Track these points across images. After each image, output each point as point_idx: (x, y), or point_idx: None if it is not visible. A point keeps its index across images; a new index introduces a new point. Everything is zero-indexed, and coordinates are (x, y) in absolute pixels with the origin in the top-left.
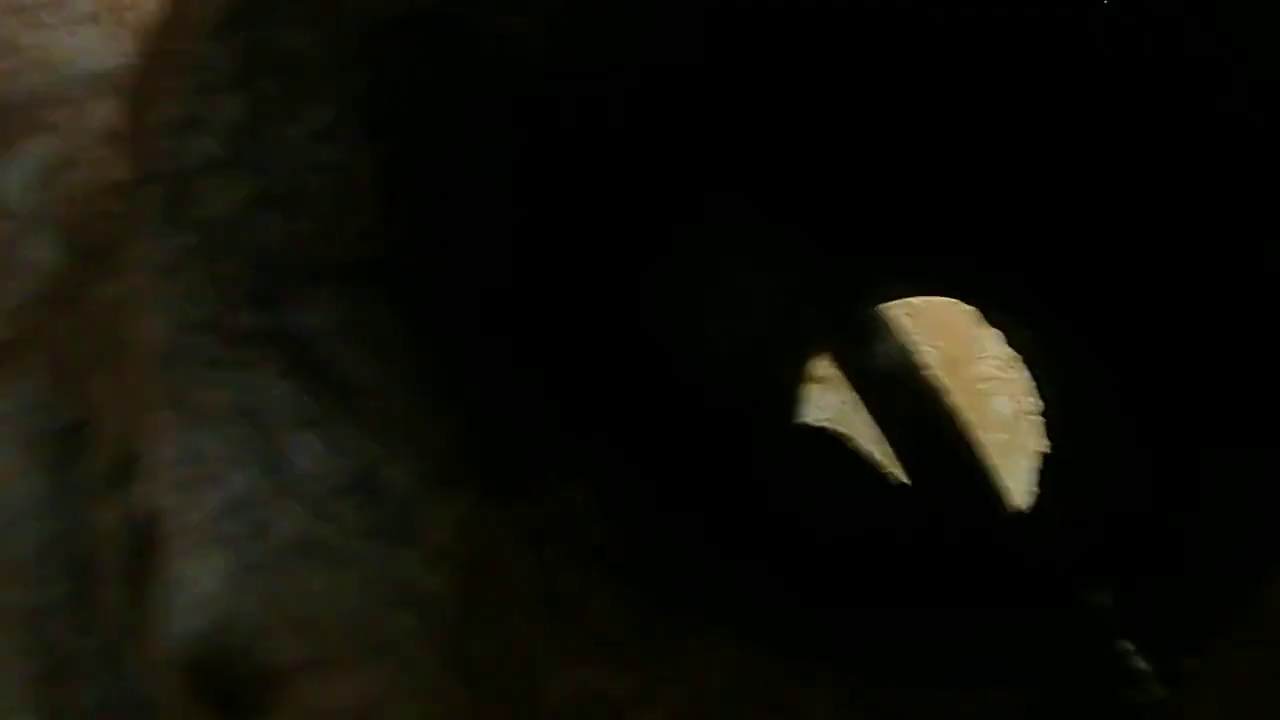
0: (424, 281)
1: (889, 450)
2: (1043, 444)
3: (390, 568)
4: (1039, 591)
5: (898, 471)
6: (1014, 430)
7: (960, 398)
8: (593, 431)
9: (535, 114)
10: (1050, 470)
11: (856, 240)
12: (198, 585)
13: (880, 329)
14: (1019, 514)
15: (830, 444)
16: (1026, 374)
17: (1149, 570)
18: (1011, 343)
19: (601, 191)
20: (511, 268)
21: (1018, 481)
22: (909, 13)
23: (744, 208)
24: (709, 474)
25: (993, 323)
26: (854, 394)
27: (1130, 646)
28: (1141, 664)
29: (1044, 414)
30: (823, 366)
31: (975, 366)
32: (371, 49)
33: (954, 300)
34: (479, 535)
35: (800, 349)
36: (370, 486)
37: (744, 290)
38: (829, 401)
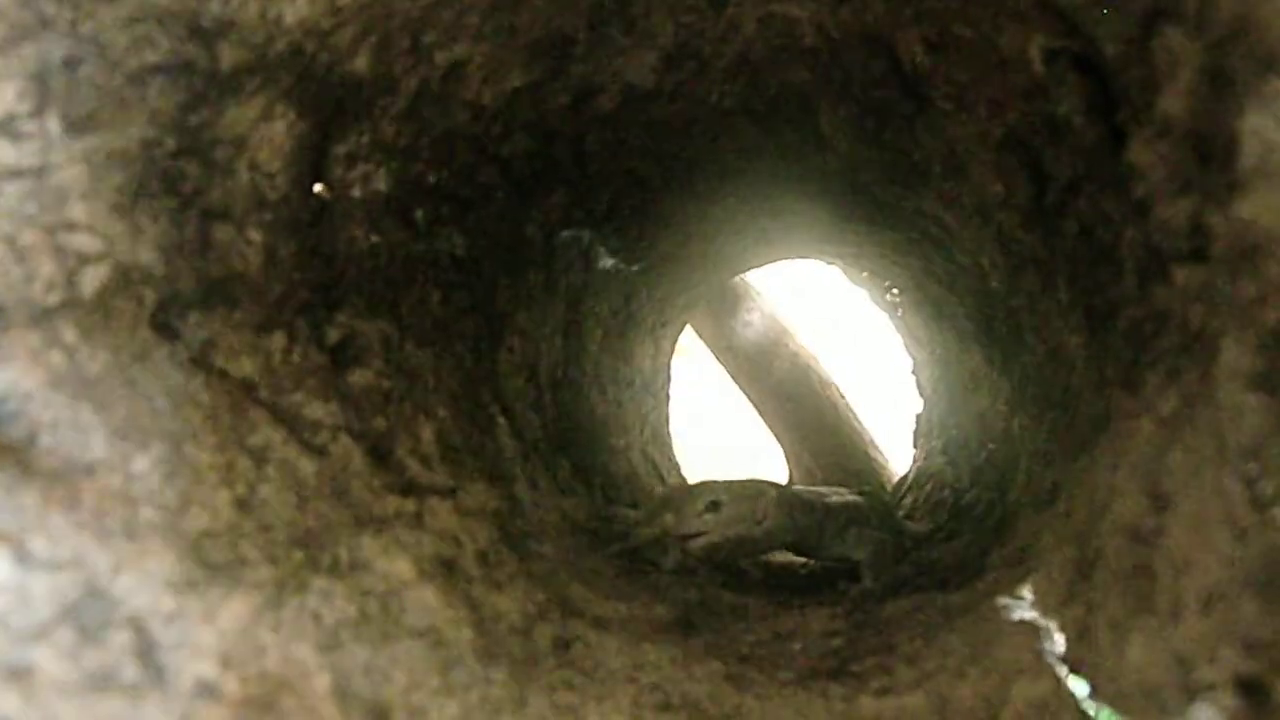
0: (185, 311)
1: (761, 422)
2: (915, 402)
3: None
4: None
5: (773, 441)
6: (886, 389)
7: (830, 361)
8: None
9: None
10: (923, 428)
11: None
12: None
13: (746, 298)
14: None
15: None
16: (894, 333)
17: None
18: (876, 301)
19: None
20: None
21: (894, 439)
22: None
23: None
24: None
25: (856, 282)
26: (720, 366)
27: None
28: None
29: (913, 372)
30: (687, 339)
31: (844, 328)
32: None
33: (819, 262)
34: (263, 652)
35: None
36: (91, 612)
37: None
38: (692, 374)
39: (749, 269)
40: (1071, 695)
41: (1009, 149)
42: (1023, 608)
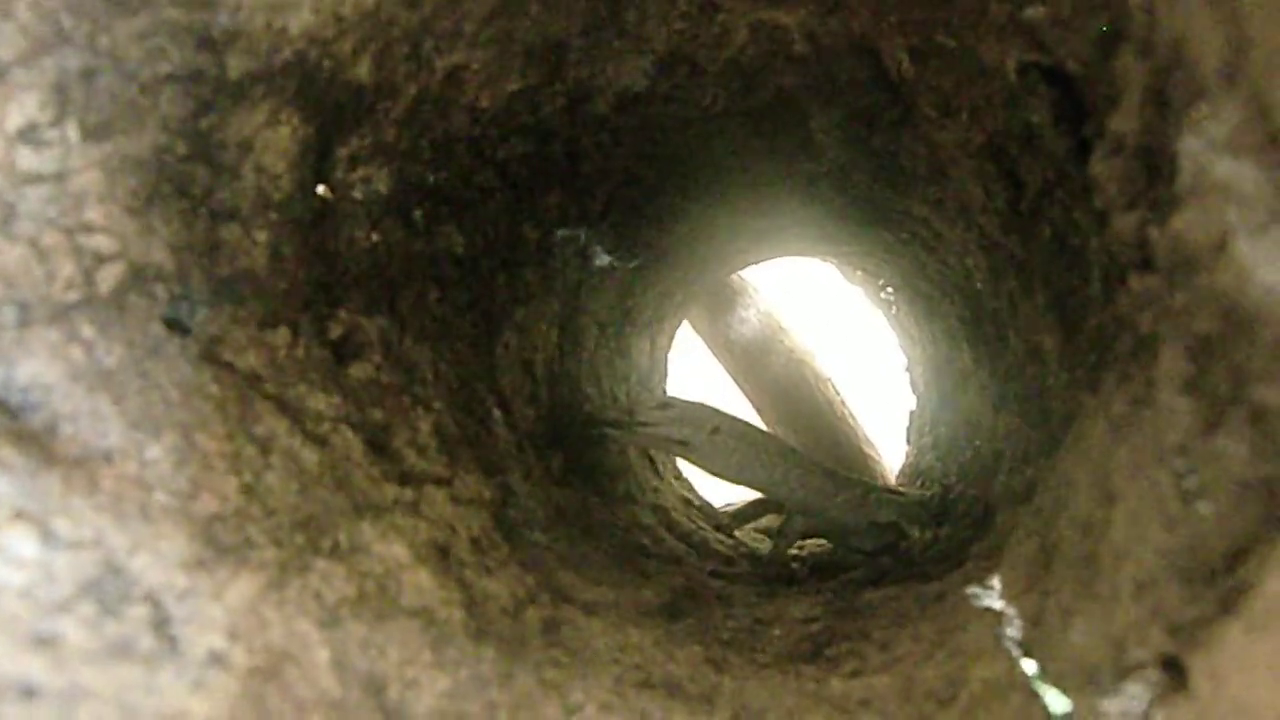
0: (195, 308)
1: (755, 417)
2: (909, 399)
3: (138, 699)
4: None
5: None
6: (881, 387)
7: (825, 358)
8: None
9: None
10: (915, 425)
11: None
12: None
13: (742, 295)
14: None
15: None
16: (889, 331)
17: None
18: (871, 299)
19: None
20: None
21: (887, 436)
22: None
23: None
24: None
25: (851, 281)
26: (717, 361)
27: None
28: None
29: (907, 370)
30: (685, 336)
31: (839, 326)
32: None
33: (814, 260)
34: (268, 627)
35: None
36: (110, 587)
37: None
38: (689, 369)
39: (745, 267)
40: (1023, 675)
41: (988, 155)
42: (990, 596)
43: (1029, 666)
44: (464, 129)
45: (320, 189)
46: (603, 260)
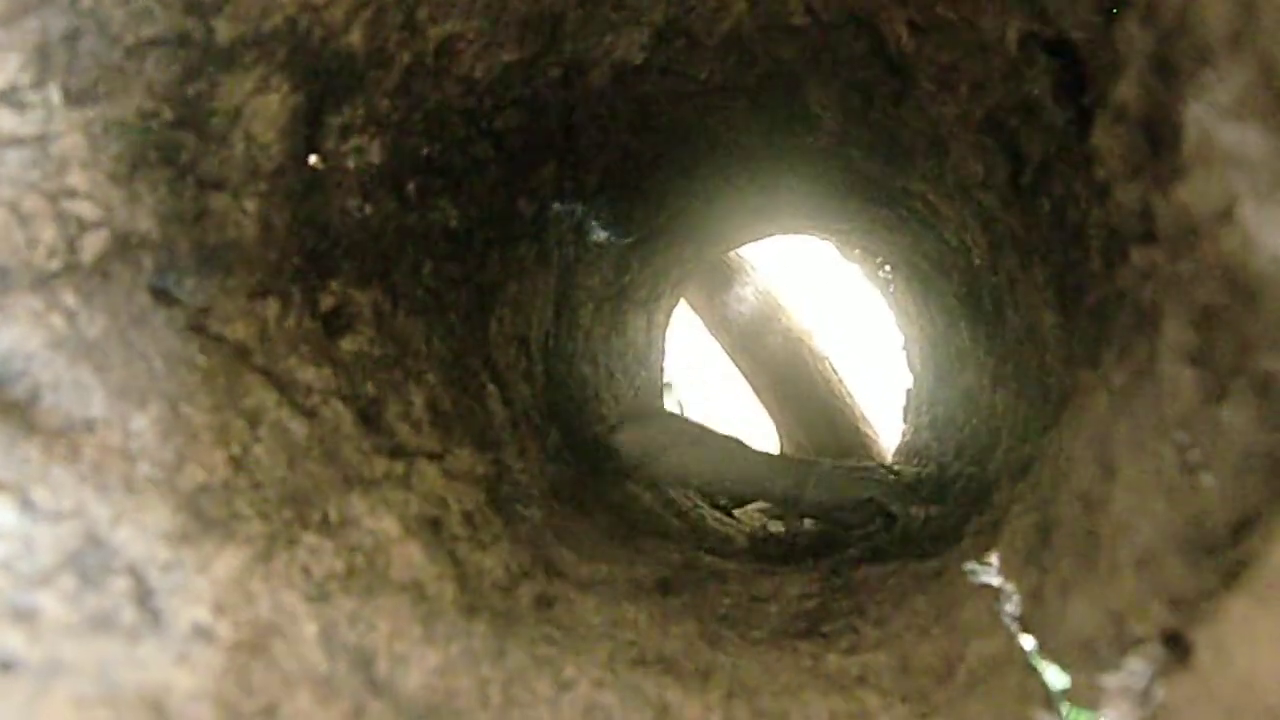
0: (182, 277)
1: (752, 395)
2: (906, 377)
3: (119, 673)
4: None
5: (764, 413)
6: (879, 365)
7: (823, 336)
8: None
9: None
10: (912, 403)
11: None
12: None
13: (740, 273)
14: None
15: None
16: (887, 309)
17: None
18: (869, 278)
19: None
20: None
21: (884, 414)
22: None
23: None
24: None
25: (849, 259)
26: (714, 340)
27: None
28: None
29: (904, 348)
30: (682, 314)
31: (837, 304)
32: None
33: (812, 238)
34: (254, 600)
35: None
36: (92, 560)
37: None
38: (684, 347)
39: (742, 244)
40: (1021, 651)
41: (988, 130)
42: (988, 572)
43: (1027, 642)
44: (458, 100)
45: (312, 159)
46: (598, 235)
